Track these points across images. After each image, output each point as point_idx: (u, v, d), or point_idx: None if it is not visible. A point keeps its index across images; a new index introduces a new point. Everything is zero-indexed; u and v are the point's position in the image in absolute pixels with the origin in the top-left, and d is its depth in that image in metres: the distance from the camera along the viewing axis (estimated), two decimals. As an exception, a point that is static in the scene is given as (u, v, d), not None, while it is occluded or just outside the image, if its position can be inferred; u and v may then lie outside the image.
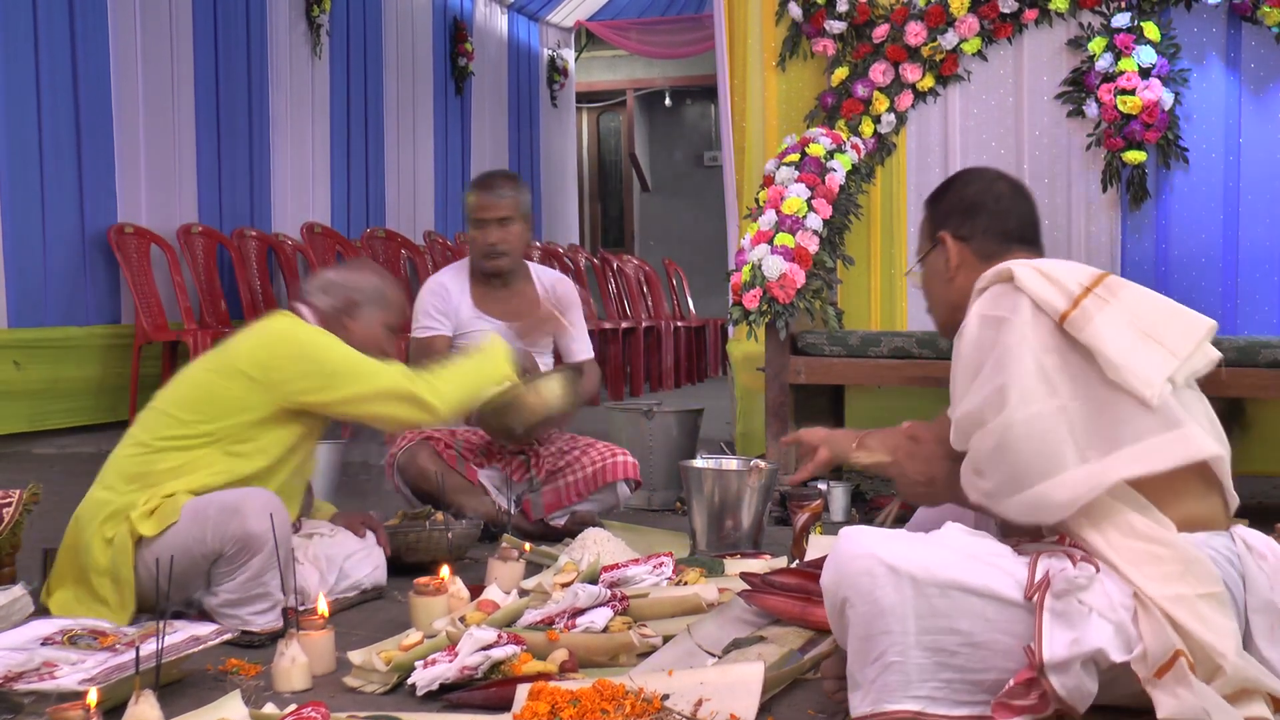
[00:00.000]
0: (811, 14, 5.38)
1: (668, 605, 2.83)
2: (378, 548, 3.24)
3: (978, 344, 2.11)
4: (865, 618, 1.97)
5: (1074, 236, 5.19)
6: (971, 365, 2.11)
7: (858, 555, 1.99)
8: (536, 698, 2.19)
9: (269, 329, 3.04)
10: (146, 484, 2.84)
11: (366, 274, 3.21)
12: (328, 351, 2.97)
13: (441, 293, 4.11)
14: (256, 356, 2.94)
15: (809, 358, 4.45)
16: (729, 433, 5.53)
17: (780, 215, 4.52)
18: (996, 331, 2.09)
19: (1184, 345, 2.08)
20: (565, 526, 3.92)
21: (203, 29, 7.09)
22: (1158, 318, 2.10)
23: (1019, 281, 2.11)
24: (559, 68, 12.15)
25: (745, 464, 3.68)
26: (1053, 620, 1.92)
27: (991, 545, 2.06)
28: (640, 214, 14.14)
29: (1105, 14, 5.11)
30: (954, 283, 2.34)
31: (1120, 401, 2.02)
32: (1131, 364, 2.02)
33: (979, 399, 2.06)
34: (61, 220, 6.12)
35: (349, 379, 2.95)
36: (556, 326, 4.00)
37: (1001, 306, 2.11)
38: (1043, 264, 2.16)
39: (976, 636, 1.96)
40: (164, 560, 2.60)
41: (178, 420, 2.91)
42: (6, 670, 2.27)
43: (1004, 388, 2.03)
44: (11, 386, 5.68)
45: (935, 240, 2.38)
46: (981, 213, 2.35)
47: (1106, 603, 1.95)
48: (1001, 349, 2.06)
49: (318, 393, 2.94)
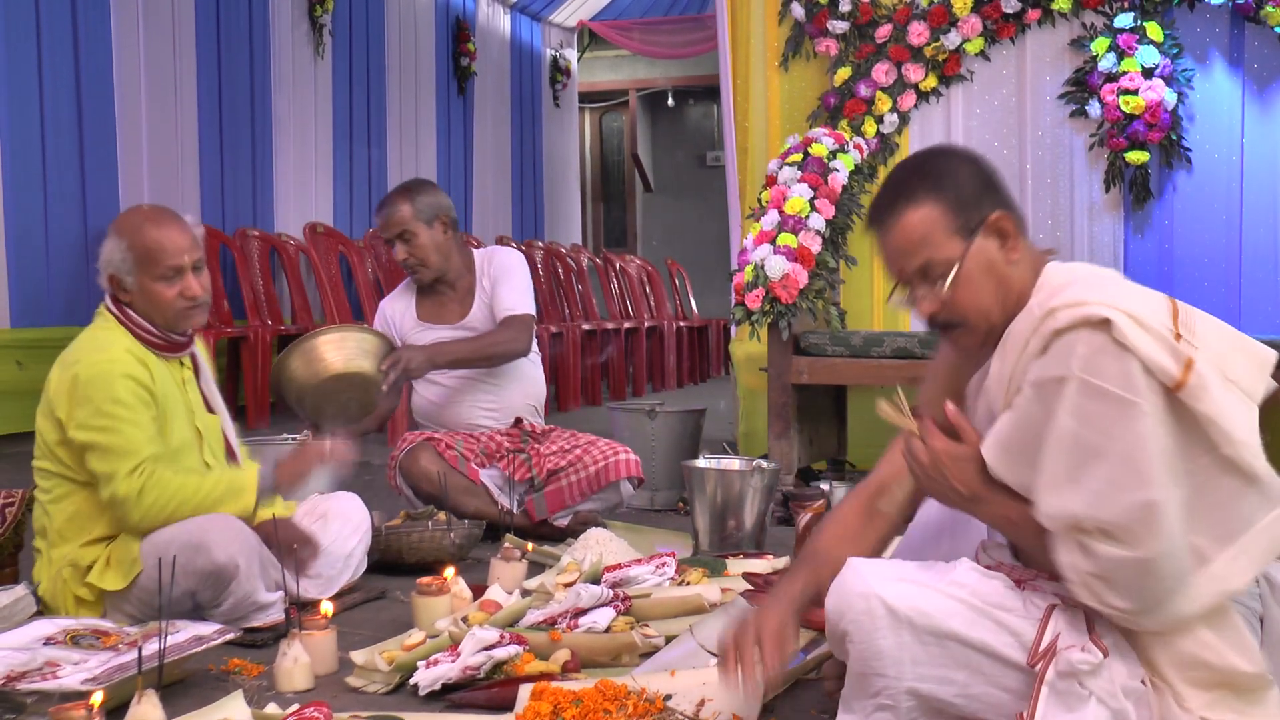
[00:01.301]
0: (814, 14, 5.38)
1: (670, 605, 2.83)
2: (360, 517, 3.19)
3: (1085, 418, 1.79)
4: (862, 656, 1.93)
5: (1077, 237, 5.19)
6: (1075, 444, 1.80)
7: (861, 594, 1.92)
8: (539, 698, 2.19)
9: (74, 376, 2.79)
10: (76, 529, 2.80)
11: (111, 239, 2.88)
12: (111, 423, 2.74)
13: (382, 319, 4.17)
14: (59, 396, 2.79)
15: (811, 358, 4.45)
16: (731, 433, 5.53)
17: (783, 215, 4.51)
18: (1115, 412, 1.78)
19: (1257, 388, 1.87)
20: (568, 526, 3.93)
21: (205, 29, 7.09)
22: (1230, 355, 1.87)
23: (1122, 336, 1.78)
24: (561, 68, 12.15)
25: (748, 464, 3.68)
26: (1050, 697, 1.85)
27: (1003, 594, 1.93)
28: (643, 214, 14.14)
29: (1108, 14, 5.12)
30: (1013, 271, 1.99)
31: (1228, 476, 1.82)
32: (1240, 434, 1.80)
33: (1118, 511, 1.77)
34: (64, 220, 6.12)
35: (109, 459, 2.72)
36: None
37: (1111, 375, 1.78)
38: (1126, 303, 1.82)
39: (971, 689, 1.91)
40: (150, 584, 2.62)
41: (42, 471, 2.86)
42: (9, 670, 2.27)
43: (1154, 506, 1.76)
44: (14, 386, 5.68)
45: (974, 229, 1.97)
46: (997, 185, 2.02)
47: (1109, 689, 1.86)
48: (1131, 444, 1.77)
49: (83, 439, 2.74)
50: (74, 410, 2.74)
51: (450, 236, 4.08)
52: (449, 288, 4.13)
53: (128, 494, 2.71)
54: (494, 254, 4.21)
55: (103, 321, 2.90)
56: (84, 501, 2.80)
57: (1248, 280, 5.09)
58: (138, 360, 2.81)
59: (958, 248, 1.97)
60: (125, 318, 2.88)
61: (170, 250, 2.85)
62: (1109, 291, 1.85)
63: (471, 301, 4.12)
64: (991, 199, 1.98)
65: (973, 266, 1.97)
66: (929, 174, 2.01)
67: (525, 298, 4.10)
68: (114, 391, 2.73)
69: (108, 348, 2.81)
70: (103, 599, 2.77)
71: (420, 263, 4.04)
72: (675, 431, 4.63)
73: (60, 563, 2.79)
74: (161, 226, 2.88)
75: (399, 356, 3.79)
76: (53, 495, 2.83)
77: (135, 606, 2.75)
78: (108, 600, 2.76)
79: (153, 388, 2.81)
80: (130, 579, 2.72)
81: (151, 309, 2.86)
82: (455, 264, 4.10)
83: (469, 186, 10.22)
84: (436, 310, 4.12)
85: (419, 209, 4.01)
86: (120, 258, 2.85)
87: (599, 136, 14.22)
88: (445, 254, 4.06)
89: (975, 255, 1.96)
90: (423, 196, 4.04)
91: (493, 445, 4.00)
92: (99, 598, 2.77)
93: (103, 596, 2.77)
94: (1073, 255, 5.14)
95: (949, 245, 1.97)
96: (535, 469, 3.98)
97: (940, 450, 1.97)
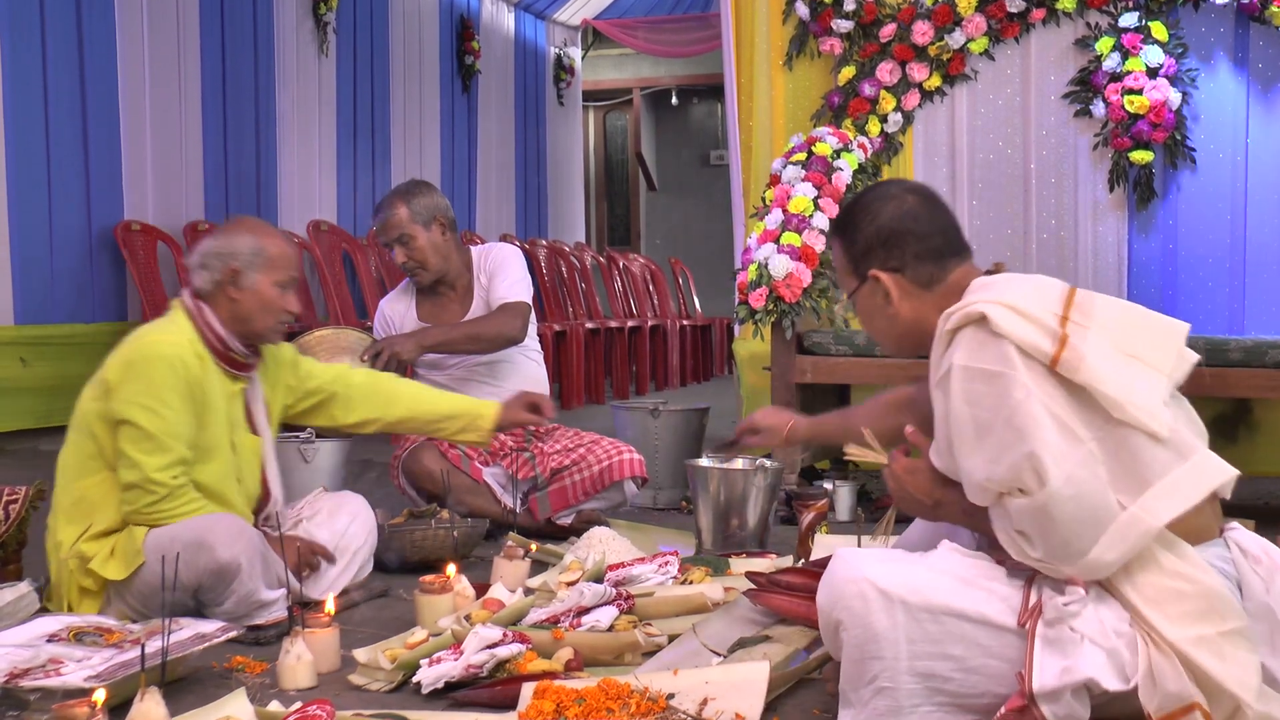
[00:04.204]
0: (819, 13, 5.38)
1: (673, 604, 2.83)
2: (366, 515, 3.23)
3: (972, 399, 1.98)
4: (858, 641, 1.96)
5: (1080, 237, 5.18)
6: (971, 422, 1.98)
7: (851, 579, 1.98)
8: (542, 696, 2.19)
9: (130, 352, 2.87)
10: (81, 513, 2.83)
11: (242, 235, 2.96)
12: (154, 410, 2.79)
13: (382, 319, 4.17)
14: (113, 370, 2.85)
15: (815, 357, 4.45)
16: (735, 432, 5.52)
17: (787, 214, 4.51)
18: (992, 387, 1.96)
19: (1165, 359, 2.02)
20: (571, 525, 3.93)
21: (209, 27, 7.09)
22: (1133, 332, 2.03)
23: (996, 325, 1.98)
24: (565, 66, 12.14)
25: (751, 463, 3.68)
26: (1044, 648, 1.91)
27: (986, 567, 2.03)
28: (646, 213, 14.14)
29: (1113, 13, 5.11)
30: (899, 314, 2.22)
31: (1131, 435, 1.95)
32: (1134, 398, 1.94)
33: (1006, 467, 1.93)
34: (68, 217, 6.12)
35: (142, 444, 2.77)
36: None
37: (987, 357, 1.97)
38: (1010, 297, 2.02)
39: (969, 662, 1.95)
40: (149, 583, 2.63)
41: (73, 445, 2.89)
42: (12, 667, 2.27)
43: (1034, 455, 1.90)
44: (18, 383, 5.68)
45: (863, 278, 2.23)
46: (907, 239, 2.20)
47: (1099, 629, 1.93)
48: (1010, 408, 1.93)
49: (123, 420, 2.79)
50: (125, 383, 2.80)
51: (449, 237, 4.07)
52: (449, 288, 4.12)
53: (151, 488, 2.75)
54: (490, 250, 4.21)
55: (174, 314, 2.96)
56: (96, 486, 2.83)
57: (1252, 280, 5.08)
58: (195, 355, 2.87)
59: (851, 285, 2.29)
60: (200, 315, 2.93)
61: (292, 261, 3.01)
62: (1000, 291, 2.05)
63: (471, 300, 4.11)
64: (881, 255, 2.21)
65: (861, 304, 2.29)
66: (848, 215, 2.30)
67: (519, 287, 4.09)
68: (166, 376, 2.80)
69: (172, 335, 2.88)
70: (105, 589, 2.78)
71: (420, 265, 4.03)
72: (678, 430, 4.63)
73: (67, 551, 2.80)
74: (285, 241, 3.04)
75: (386, 343, 3.79)
76: (71, 473, 2.86)
77: (137, 599, 2.77)
78: (111, 590, 2.77)
79: (202, 385, 2.86)
80: (132, 570, 2.74)
81: (253, 311, 2.93)
82: (455, 264, 4.10)
83: (473, 185, 10.21)
84: (437, 310, 4.11)
85: (416, 211, 4.00)
86: (251, 252, 2.92)
87: (603, 135, 14.21)
88: (444, 255, 4.06)
89: (861, 298, 2.28)
90: (419, 198, 4.03)
91: (496, 444, 3.99)
92: (102, 587, 2.78)
93: (105, 587, 2.78)
94: (1076, 255, 5.15)
95: (846, 281, 2.31)
96: (539, 468, 3.97)
97: (899, 469, 2.18)
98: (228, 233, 2.98)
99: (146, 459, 2.76)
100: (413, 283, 4.15)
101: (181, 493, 2.79)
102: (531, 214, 11.37)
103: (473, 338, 3.97)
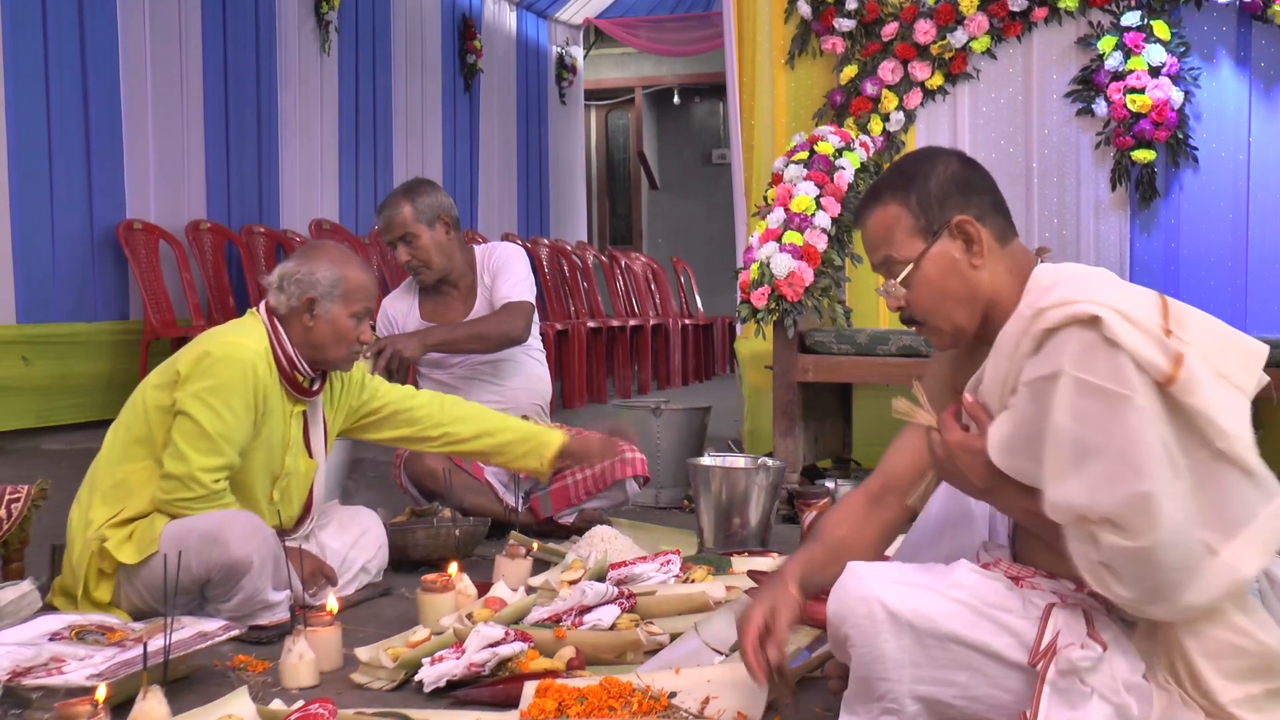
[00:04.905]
0: (821, 12, 5.38)
1: (675, 603, 2.83)
2: (377, 531, 3.24)
3: (1080, 417, 1.80)
4: (864, 660, 1.93)
5: (1083, 235, 5.18)
6: (1073, 443, 1.81)
7: (862, 598, 1.93)
8: (544, 695, 2.19)
9: (207, 349, 2.87)
10: (118, 497, 2.84)
11: (322, 264, 2.95)
12: (219, 413, 2.81)
13: (385, 318, 4.16)
14: (182, 365, 2.85)
15: (817, 356, 4.44)
16: (736, 431, 5.53)
17: (789, 213, 4.51)
18: (1108, 408, 1.78)
19: (1250, 381, 1.88)
20: (573, 524, 3.93)
21: (212, 25, 7.09)
22: (1220, 349, 1.87)
23: (1112, 333, 1.79)
24: (567, 65, 12.14)
25: (753, 462, 3.68)
26: (1052, 695, 1.86)
27: (1003, 594, 1.95)
28: (648, 211, 14.14)
29: (1115, 12, 5.11)
30: (979, 275, 2.00)
31: (1227, 470, 1.83)
32: (1241, 430, 1.81)
33: (1114, 502, 1.78)
34: (70, 216, 6.13)
35: (196, 440, 2.78)
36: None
37: (1103, 372, 1.79)
38: (1113, 299, 1.83)
39: (973, 690, 1.92)
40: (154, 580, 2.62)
41: (122, 428, 2.92)
42: (15, 666, 2.28)
43: (1150, 497, 1.76)
44: (20, 382, 5.69)
45: (936, 233, 2.01)
46: (980, 187, 2.03)
47: (1110, 684, 1.88)
48: (1126, 439, 1.77)
49: (182, 412, 2.81)
50: (195, 377, 2.80)
51: (452, 236, 4.07)
52: (452, 287, 4.12)
53: (192, 485, 2.77)
54: (493, 249, 4.21)
55: (252, 322, 2.97)
56: (137, 473, 2.84)
57: (1254, 279, 5.08)
58: (267, 365, 2.88)
59: (917, 248, 2.02)
60: (274, 330, 2.94)
61: (371, 293, 3.01)
62: (1097, 290, 1.87)
63: (474, 299, 4.11)
64: (959, 202, 2.01)
65: (930, 267, 2.02)
66: (901, 173, 2.07)
67: (522, 286, 4.09)
68: (237, 380, 2.81)
69: (251, 341, 2.88)
70: (116, 573, 2.78)
71: (423, 264, 4.03)
72: (680, 429, 4.63)
73: (94, 531, 2.80)
74: (364, 270, 3.02)
75: (388, 342, 3.79)
76: (116, 454, 2.88)
77: (145, 587, 2.76)
78: (121, 574, 2.78)
79: (267, 397, 2.88)
80: (144, 556, 2.74)
81: (326, 340, 2.95)
82: (458, 263, 4.10)
83: (474, 183, 10.21)
84: (440, 309, 4.11)
85: (420, 210, 4.00)
86: (330, 282, 2.94)
87: (605, 134, 14.21)
88: (448, 254, 4.06)
89: (934, 257, 2.01)
90: (423, 197, 4.03)
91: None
92: (114, 571, 2.79)
93: (117, 571, 2.78)
94: (1078, 254, 5.14)
95: (908, 245, 2.03)
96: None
97: (954, 444, 1.98)
98: (310, 259, 2.97)
99: (197, 456, 2.77)
100: (415, 281, 4.15)
101: (218, 498, 2.81)
102: (533, 213, 11.37)
103: (476, 337, 3.97)
